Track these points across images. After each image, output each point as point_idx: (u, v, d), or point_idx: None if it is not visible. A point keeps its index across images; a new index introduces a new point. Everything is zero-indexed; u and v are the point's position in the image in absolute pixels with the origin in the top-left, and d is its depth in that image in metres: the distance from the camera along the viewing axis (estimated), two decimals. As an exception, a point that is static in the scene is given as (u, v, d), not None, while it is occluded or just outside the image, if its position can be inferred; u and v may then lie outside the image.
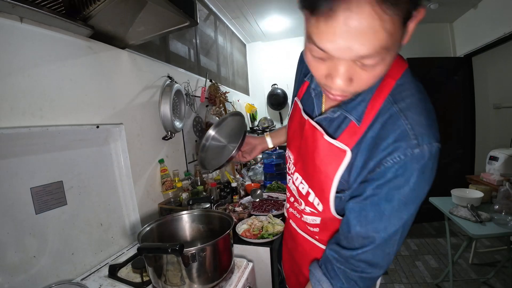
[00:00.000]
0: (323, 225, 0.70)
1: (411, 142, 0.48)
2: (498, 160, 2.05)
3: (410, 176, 0.49)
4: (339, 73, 0.44)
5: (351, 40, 0.37)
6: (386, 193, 0.52)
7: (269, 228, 1.21)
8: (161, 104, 1.50)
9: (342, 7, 0.35)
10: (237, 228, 1.23)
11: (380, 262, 0.57)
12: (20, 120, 0.81)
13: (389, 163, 0.50)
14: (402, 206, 0.52)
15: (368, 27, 0.36)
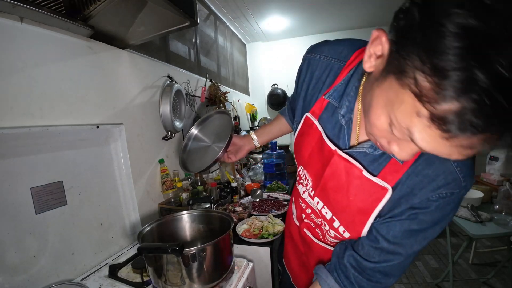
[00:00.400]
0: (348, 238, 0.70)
1: (459, 184, 0.50)
2: (498, 160, 2.05)
3: (449, 207, 0.52)
4: (402, 149, 0.43)
5: (454, 153, 0.39)
6: (421, 219, 0.53)
7: (269, 228, 1.21)
8: (161, 104, 1.50)
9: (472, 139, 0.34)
10: (237, 228, 1.23)
11: (396, 274, 0.60)
12: (20, 120, 0.81)
13: (434, 197, 0.51)
14: (430, 227, 0.54)
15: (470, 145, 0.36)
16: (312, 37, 3.60)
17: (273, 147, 2.11)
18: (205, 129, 1.09)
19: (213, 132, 1.06)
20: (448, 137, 0.34)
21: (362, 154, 0.58)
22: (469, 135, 0.32)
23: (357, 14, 3.02)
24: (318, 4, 2.68)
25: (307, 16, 2.96)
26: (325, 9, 2.83)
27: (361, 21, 3.23)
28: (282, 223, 1.27)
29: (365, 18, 3.16)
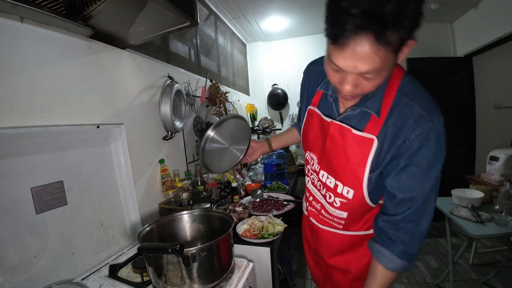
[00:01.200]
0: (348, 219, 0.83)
1: (426, 119, 0.64)
2: (498, 160, 2.05)
3: (430, 143, 0.64)
4: (347, 81, 0.61)
5: (356, 62, 0.54)
6: (416, 160, 0.66)
7: (269, 228, 1.21)
8: (161, 104, 1.50)
9: (352, 43, 0.52)
10: (237, 228, 1.23)
11: (423, 219, 0.69)
12: (21, 120, 0.81)
13: (413, 137, 0.65)
14: (430, 167, 0.66)
15: (368, 56, 0.52)
16: (312, 37, 3.60)
17: (273, 147, 2.11)
18: (221, 132, 1.16)
19: (229, 135, 1.13)
20: (340, 48, 0.54)
21: (348, 119, 0.75)
22: (344, 41, 0.52)
23: (358, 14, 3.02)
24: (318, 4, 2.68)
25: (307, 16, 2.96)
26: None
27: (362, 21, 3.24)
28: (282, 223, 1.26)
29: (365, 18, 3.17)
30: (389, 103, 0.68)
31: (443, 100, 3.18)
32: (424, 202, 0.68)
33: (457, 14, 3.10)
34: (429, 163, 0.66)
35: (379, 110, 0.69)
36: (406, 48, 0.56)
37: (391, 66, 0.59)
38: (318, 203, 0.91)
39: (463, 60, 3.20)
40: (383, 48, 0.51)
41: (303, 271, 2.43)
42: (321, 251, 0.96)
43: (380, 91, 0.69)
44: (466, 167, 3.24)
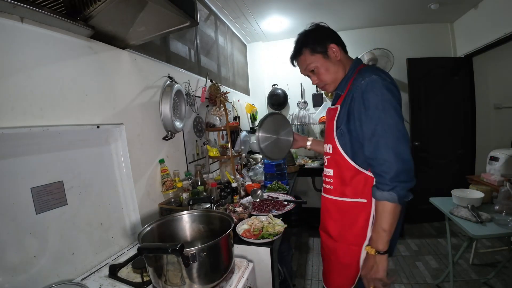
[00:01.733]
0: (335, 176, 1.02)
1: (359, 80, 0.92)
2: (498, 160, 2.05)
3: (365, 93, 0.89)
4: (312, 79, 1.10)
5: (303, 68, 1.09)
6: (356, 107, 0.92)
7: (269, 228, 1.21)
8: (161, 104, 1.50)
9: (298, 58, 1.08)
10: (237, 228, 1.23)
11: (382, 148, 0.85)
12: (21, 120, 0.81)
13: (355, 95, 0.92)
14: (378, 111, 0.86)
15: (306, 61, 1.05)
16: (313, 37, 3.60)
17: (273, 147, 2.10)
18: (265, 129, 1.35)
19: (273, 128, 1.37)
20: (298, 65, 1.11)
21: (333, 102, 1.09)
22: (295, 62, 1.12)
23: (357, 14, 3.01)
24: (318, 4, 2.68)
25: (307, 16, 2.96)
26: (326, 9, 2.83)
27: (361, 21, 3.23)
28: (282, 223, 1.26)
29: (365, 19, 3.16)
30: (350, 83, 0.99)
31: (443, 100, 3.18)
32: (375, 137, 0.86)
33: (457, 14, 3.10)
34: (376, 107, 0.86)
35: (344, 89, 1.01)
36: (330, 50, 1.01)
37: (327, 62, 1.02)
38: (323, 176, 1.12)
39: (463, 60, 3.20)
40: (312, 55, 1.03)
41: (303, 271, 2.43)
42: (324, 219, 1.10)
43: (346, 78, 1.03)
44: (466, 167, 3.25)
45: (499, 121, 3.18)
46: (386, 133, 0.84)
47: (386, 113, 0.85)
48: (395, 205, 0.84)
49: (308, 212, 3.50)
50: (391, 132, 0.84)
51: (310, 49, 1.02)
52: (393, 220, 0.86)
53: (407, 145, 0.85)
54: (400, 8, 2.90)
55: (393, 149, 0.83)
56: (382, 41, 3.34)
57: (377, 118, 0.85)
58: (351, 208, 0.98)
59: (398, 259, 2.51)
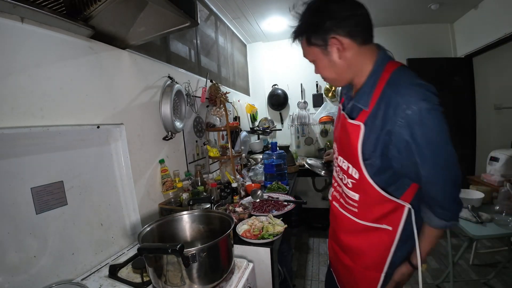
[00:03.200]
0: (361, 202, 0.89)
1: (402, 107, 0.70)
2: (498, 160, 2.05)
3: (415, 127, 0.70)
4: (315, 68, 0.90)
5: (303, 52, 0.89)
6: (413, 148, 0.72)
7: (269, 228, 1.21)
8: (161, 105, 1.50)
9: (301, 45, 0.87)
10: (237, 229, 1.23)
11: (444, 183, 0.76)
12: (21, 120, 0.81)
13: (399, 122, 0.71)
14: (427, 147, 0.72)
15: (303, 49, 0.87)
16: (313, 38, 3.60)
17: (273, 148, 2.11)
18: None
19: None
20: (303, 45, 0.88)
21: (348, 110, 0.89)
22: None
23: (358, 14, 3.02)
24: (318, 4, 2.68)
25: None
26: (326, 10, 2.83)
27: (362, 21, 3.24)
28: (282, 223, 1.26)
29: (365, 19, 3.17)
30: (377, 95, 0.77)
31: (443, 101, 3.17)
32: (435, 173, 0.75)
33: (457, 15, 3.10)
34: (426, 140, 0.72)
35: (368, 103, 0.79)
36: (330, 46, 0.78)
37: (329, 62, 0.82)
38: (340, 187, 0.99)
39: (463, 61, 3.20)
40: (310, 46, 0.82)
41: (303, 272, 2.43)
42: (338, 231, 1.02)
43: (370, 86, 0.80)
44: (466, 167, 3.24)
45: (499, 122, 3.18)
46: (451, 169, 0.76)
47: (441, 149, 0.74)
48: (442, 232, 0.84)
49: (308, 212, 3.50)
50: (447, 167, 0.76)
51: (306, 39, 0.81)
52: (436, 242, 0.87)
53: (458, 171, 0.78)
54: (400, 8, 2.90)
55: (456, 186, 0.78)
56: (382, 41, 3.29)
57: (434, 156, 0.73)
58: (373, 231, 0.89)
59: (398, 260, 2.50)
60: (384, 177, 0.82)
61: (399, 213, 0.84)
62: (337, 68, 0.81)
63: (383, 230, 0.87)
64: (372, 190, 0.84)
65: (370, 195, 0.85)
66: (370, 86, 0.79)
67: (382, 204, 0.85)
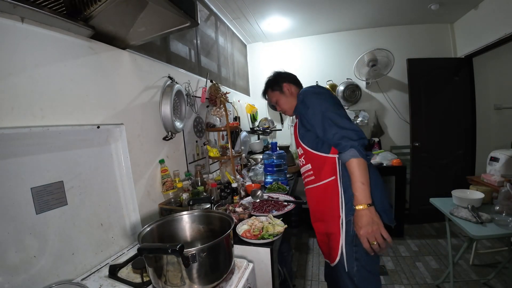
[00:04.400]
0: (313, 168, 1.27)
1: (299, 95, 1.33)
2: (498, 161, 2.05)
3: (303, 100, 1.24)
4: (277, 107, 1.48)
5: (270, 101, 1.52)
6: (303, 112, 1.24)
7: (269, 228, 1.21)
8: (161, 105, 1.50)
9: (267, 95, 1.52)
10: (237, 229, 1.23)
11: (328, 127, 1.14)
12: (21, 120, 0.82)
13: (298, 105, 1.31)
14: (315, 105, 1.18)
15: (270, 96, 1.50)
16: (313, 38, 3.60)
17: (273, 148, 2.11)
18: None
19: None
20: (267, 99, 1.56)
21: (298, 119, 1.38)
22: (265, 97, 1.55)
23: (358, 15, 3.02)
24: (318, 4, 2.68)
25: (307, 16, 2.96)
26: (326, 10, 2.83)
27: (361, 22, 3.23)
28: (282, 223, 1.26)
29: (365, 19, 3.17)
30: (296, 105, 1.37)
31: (443, 101, 3.18)
32: (322, 125, 1.14)
33: (457, 15, 3.10)
34: (307, 105, 1.21)
35: (297, 111, 1.35)
36: (285, 87, 1.40)
37: (285, 98, 1.40)
38: (303, 175, 1.37)
39: (463, 61, 3.20)
40: (272, 92, 1.45)
41: (303, 272, 2.43)
42: (313, 206, 1.35)
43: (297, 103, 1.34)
44: (466, 167, 3.24)
45: (499, 122, 3.18)
46: (327, 115, 1.12)
47: (322, 103, 1.16)
48: (359, 159, 1.04)
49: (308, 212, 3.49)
50: (329, 114, 1.12)
51: (271, 88, 1.44)
52: (365, 172, 1.05)
53: (343, 118, 1.11)
54: (400, 9, 2.90)
55: (336, 124, 1.10)
56: (382, 41, 3.34)
57: (317, 110, 1.15)
58: (328, 186, 1.20)
59: (398, 260, 2.51)
60: (312, 143, 1.24)
61: (334, 164, 1.18)
62: (289, 99, 1.39)
63: (332, 181, 1.19)
64: (312, 154, 1.25)
65: (313, 158, 1.25)
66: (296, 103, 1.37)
67: (324, 162, 1.21)
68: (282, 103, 1.41)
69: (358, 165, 1.04)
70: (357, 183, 1.04)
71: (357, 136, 1.06)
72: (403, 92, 3.36)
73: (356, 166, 1.04)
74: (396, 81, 3.46)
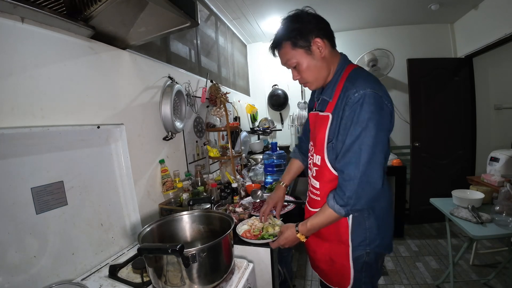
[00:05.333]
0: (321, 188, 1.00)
1: (353, 91, 0.85)
2: (499, 161, 2.05)
3: (356, 108, 0.83)
4: (293, 73, 1.00)
5: (283, 61, 0.98)
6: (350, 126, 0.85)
7: (269, 229, 1.21)
8: (161, 105, 1.50)
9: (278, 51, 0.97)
10: (237, 229, 1.23)
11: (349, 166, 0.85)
12: (21, 120, 0.82)
13: (346, 108, 0.86)
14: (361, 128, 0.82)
15: (286, 56, 0.95)
16: (313, 38, 3.60)
17: (273, 148, 2.11)
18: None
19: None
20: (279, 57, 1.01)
21: (319, 107, 1.03)
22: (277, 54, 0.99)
23: (358, 15, 3.02)
24: (318, 5, 2.68)
25: (307, 16, 2.96)
26: (326, 10, 2.83)
27: (362, 22, 3.24)
28: (282, 223, 1.26)
29: (365, 19, 3.17)
30: (339, 89, 0.92)
31: (444, 101, 3.18)
32: (349, 153, 0.85)
33: (457, 15, 3.10)
34: (354, 121, 0.83)
35: (332, 95, 0.94)
36: (314, 46, 0.90)
37: (311, 61, 0.92)
38: (310, 186, 1.09)
39: (464, 61, 3.20)
40: (293, 48, 0.92)
41: (303, 272, 2.43)
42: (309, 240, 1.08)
43: (334, 82, 0.95)
44: (466, 167, 3.24)
45: (499, 122, 3.18)
46: (361, 152, 0.83)
47: (367, 133, 0.82)
48: (337, 217, 0.91)
49: (308, 212, 3.49)
50: (366, 152, 0.82)
51: (291, 42, 0.91)
52: (328, 224, 0.94)
53: (378, 169, 0.84)
54: (401, 9, 2.90)
55: (363, 170, 0.83)
56: (382, 41, 3.34)
57: (357, 136, 0.83)
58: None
59: (398, 260, 2.50)
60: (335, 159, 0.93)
61: None
62: (318, 66, 0.93)
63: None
64: (329, 174, 0.95)
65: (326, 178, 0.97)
66: (334, 83, 0.95)
67: (332, 181, 0.95)
68: (305, 70, 0.94)
69: (331, 219, 0.92)
70: (316, 225, 0.95)
71: (365, 202, 0.86)
72: (403, 92, 3.36)
73: (328, 217, 0.92)
74: (396, 81, 3.46)
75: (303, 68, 0.93)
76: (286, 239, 1.03)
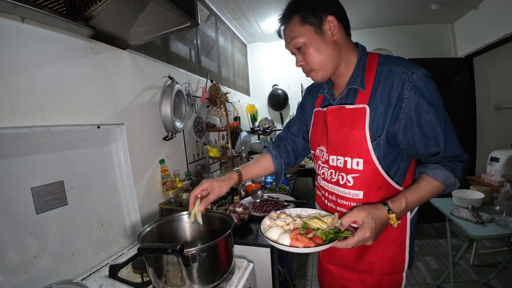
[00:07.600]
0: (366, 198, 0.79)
1: (408, 73, 0.72)
2: (499, 161, 2.04)
3: (423, 91, 0.71)
4: (297, 58, 0.83)
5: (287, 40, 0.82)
6: (423, 110, 0.71)
7: (317, 223, 0.77)
8: (162, 105, 1.50)
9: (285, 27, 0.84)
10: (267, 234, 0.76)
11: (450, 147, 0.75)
12: (21, 120, 0.82)
13: (407, 93, 0.72)
14: (435, 108, 0.71)
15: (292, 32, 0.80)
16: (313, 38, 3.60)
17: (273, 148, 2.10)
18: None
19: None
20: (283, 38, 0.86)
21: (343, 99, 0.83)
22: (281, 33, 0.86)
23: (358, 15, 3.02)
24: (318, 4, 2.68)
25: (307, 16, 2.96)
26: (326, 10, 2.84)
27: (362, 22, 3.24)
28: (326, 212, 0.87)
29: (365, 19, 3.17)
30: (372, 76, 0.78)
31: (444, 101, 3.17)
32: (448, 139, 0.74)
33: (457, 15, 3.10)
34: (433, 106, 0.71)
35: (363, 84, 0.78)
36: (326, 24, 0.76)
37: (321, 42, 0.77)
38: (332, 195, 0.86)
39: (464, 61, 3.20)
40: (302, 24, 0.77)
41: (303, 272, 2.43)
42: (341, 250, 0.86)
43: (359, 71, 0.80)
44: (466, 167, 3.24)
45: (499, 122, 3.17)
46: (452, 132, 0.75)
47: (444, 111, 0.74)
48: (441, 192, 0.78)
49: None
50: (453, 131, 0.76)
51: (301, 17, 0.77)
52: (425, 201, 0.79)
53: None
54: (401, 9, 2.90)
55: (455, 148, 0.76)
56: (382, 41, 3.34)
57: (444, 116, 0.74)
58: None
59: (398, 260, 2.50)
60: (389, 159, 0.78)
61: None
62: (328, 51, 0.78)
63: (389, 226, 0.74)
64: (378, 177, 0.77)
65: (375, 186, 0.78)
66: (361, 71, 0.80)
67: (383, 190, 0.78)
68: (312, 52, 0.78)
69: (436, 192, 0.77)
70: (417, 201, 0.76)
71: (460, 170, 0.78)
72: (403, 92, 3.36)
73: (437, 192, 0.77)
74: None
75: (310, 50, 0.77)
76: (377, 225, 0.69)
